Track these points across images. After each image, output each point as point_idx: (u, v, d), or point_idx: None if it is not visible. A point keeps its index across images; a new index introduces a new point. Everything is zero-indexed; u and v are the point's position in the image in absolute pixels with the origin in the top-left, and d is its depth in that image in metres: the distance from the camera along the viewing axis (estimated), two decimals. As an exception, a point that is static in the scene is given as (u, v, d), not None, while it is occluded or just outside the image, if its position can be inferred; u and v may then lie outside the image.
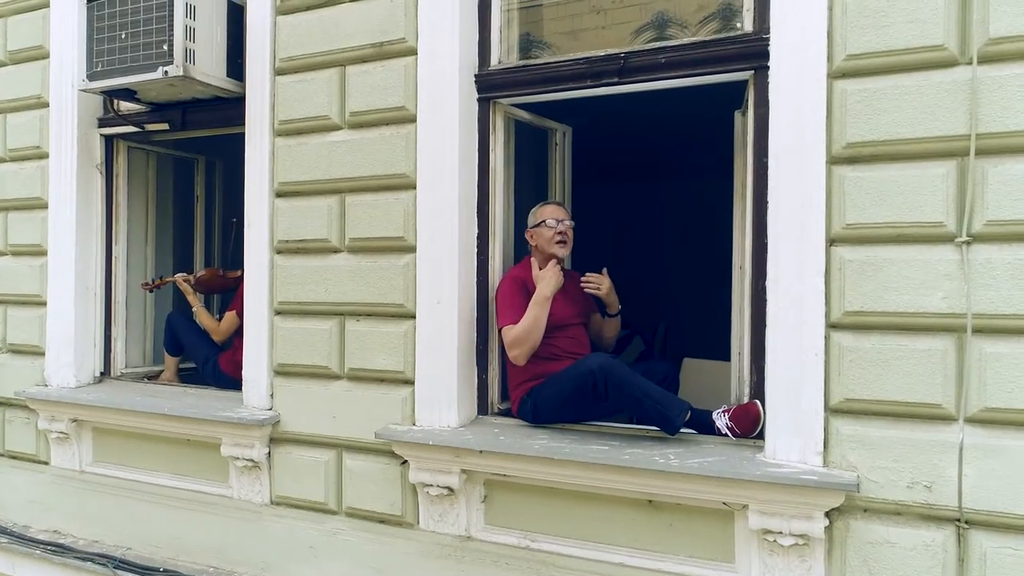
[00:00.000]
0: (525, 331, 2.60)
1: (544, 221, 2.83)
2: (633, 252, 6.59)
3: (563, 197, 3.35)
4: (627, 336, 5.21)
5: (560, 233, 2.81)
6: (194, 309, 3.78)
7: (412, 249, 2.76)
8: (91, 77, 3.12)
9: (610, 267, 2.92)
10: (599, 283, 2.84)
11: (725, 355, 3.41)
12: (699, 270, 6.36)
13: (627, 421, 2.77)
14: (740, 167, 2.71)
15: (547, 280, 2.66)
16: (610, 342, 3.10)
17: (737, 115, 2.76)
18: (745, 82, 2.49)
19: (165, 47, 2.94)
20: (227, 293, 4.02)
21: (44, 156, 3.62)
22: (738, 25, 2.48)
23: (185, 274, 3.83)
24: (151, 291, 3.85)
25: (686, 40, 2.53)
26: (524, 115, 3.00)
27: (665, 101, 3.17)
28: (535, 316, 2.61)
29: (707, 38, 2.50)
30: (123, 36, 3.05)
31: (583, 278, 2.84)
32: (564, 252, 2.83)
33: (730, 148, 2.86)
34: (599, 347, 3.14)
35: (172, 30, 2.91)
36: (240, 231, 3.17)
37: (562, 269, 3.00)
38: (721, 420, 2.43)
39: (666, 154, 6.15)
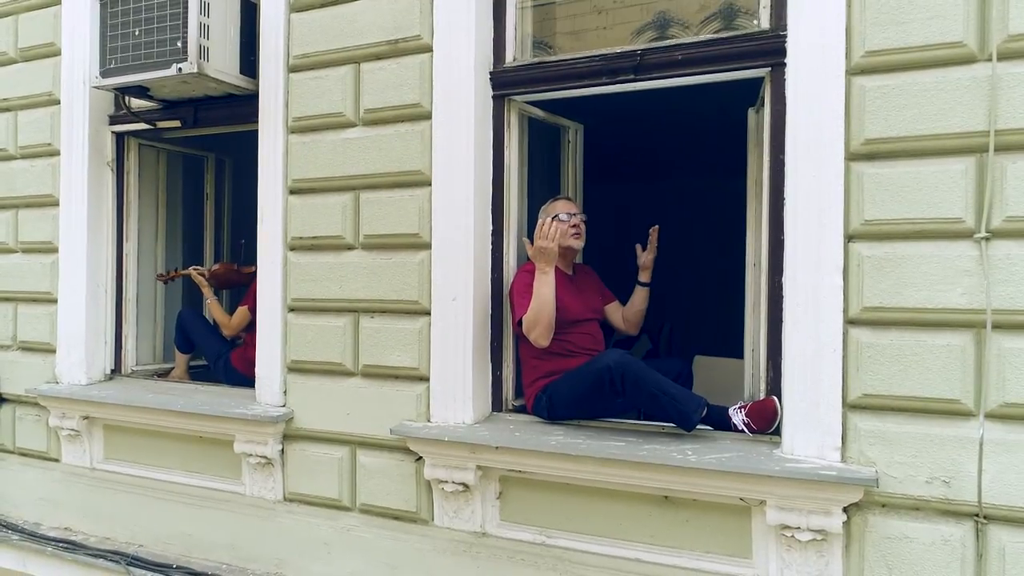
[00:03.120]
0: (535, 310, 2.57)
1: (557, 215, 2.83)
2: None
3: (575, 194, 3.36)
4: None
5: (574, 226, 2.82)
6: (207, 301, 3.79)
7: (427, 246, 2.76)
8: (104, 74, 3.12)
9: (615, 266, 2.93)
10: (655, 247, 3.02)
11: (729, 352, 3.42)
12: (703, 269, 6.38)
13: (636, 418, 2.78)
14: (754, 165, 2.71)
15: (539, 257, 2.60)
16: (637, 318, 3.09)
17: (751, 112, 2.77)
18: (760, 79, 2.49)
19: (179, 44, 2.94)
20: (240, 288, 4.02)
21: (55, 153, 3.61)
22: (755, 23, 2.48)
23: (200, 267, 3.84)
24: (166, 283, 3.86)
25: (703, 37, 2.54)
26: (538, 112, 3.01)
27: (674, 100, 3.18)
28: (542, 295, 2.57)
29: (724, 35, 2.50)
30: (136, 33, 3.05)
31: (651, 230, 3.02)
32: (579, 244, 2.85)
33: (737, 147, 2.87)
34: (623, 331, 3.17)
35: (186, 27, 2.92)
36: (250, 245, 3.17)
37: (577, 265, 3.03)
38: (737, 416, 2.43)
39: (671, 153, 6.15)
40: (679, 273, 6.58)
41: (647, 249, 3.07)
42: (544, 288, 2.59)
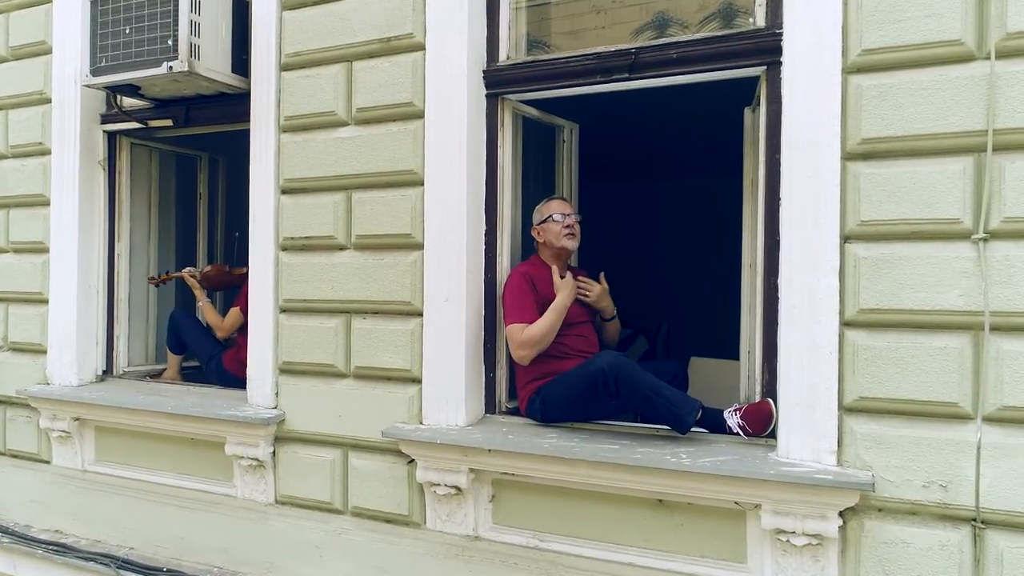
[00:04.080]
0: (540, 334, 2.61)
1: (551, 216, 2.81)
2: (635, 251, 6.59)
3: (570, 194, 3.33)
4: (630, 336, 5.20)
5: (568, 227, 2.80)
6: (200, 304, 3.76)
7: (419, 246, 2.73)
8: (95, 72, 3.09)
9: (612, 266, 2.90)
10: (588, 288, 2.86)
11: (727, 354, 3.40)
12: (701, 269, 6.37)
13: (631, 420, 2.75)
14: (750, 164, 2.69)
15: (567, 291, 2.69)
16: (611, 344, 3.09)
17: (746, 112, 2.74)
18: (756, 78, 2.47)
19: (169, 42, 2.91)
20: (232, 290, 3.99)
21: (46, 152, 3.58)
22: (750, 21, 2.45)
23: (192, 269, 3.81)
24: (157, 286, 3.83)
25: (698, 35, 2.51)
26: (532, 111, 2.98)
27: (669, 99, 3.14)
28: (552, 323, 2.63)
29: (719, 33, 2.47)
30: (127, 31, 3.02)
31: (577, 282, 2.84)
32: (573, 245, 2.83)
33: (733, 147, 2.84)
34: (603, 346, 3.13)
35: (177, 25, 2.89)
36: (243, 242, 3.15)
37: (570, 267, 3.00)
38: (732, 419, 2.40)
39: (668, 153, 6.13)
40: (676, 274, 6.60)
41: (593, 296, 2.89)
42: (557, 317, 2.64)
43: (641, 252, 6.65)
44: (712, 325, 4.69)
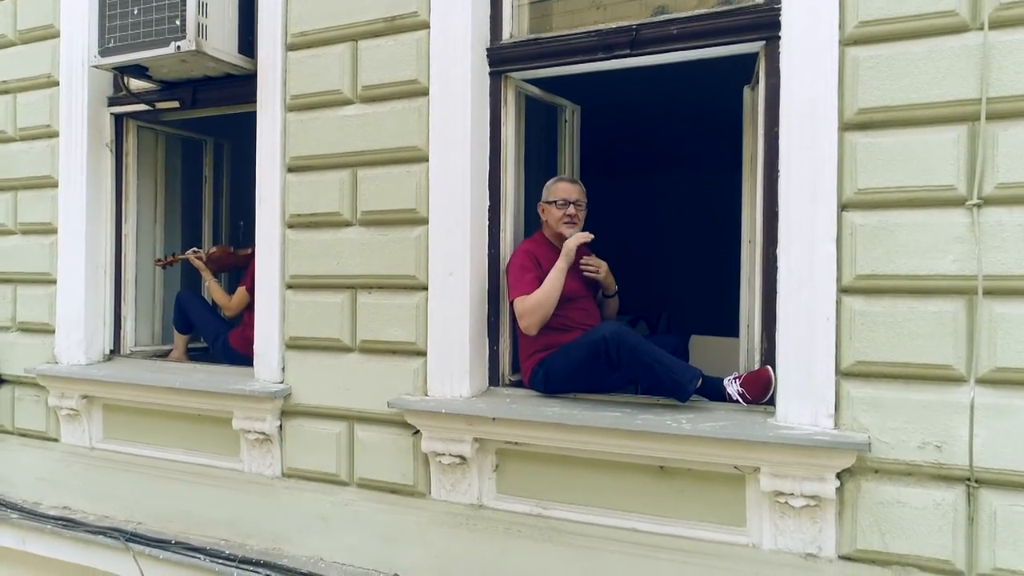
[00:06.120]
0: (542, 297, 2.63)
1: (556, 201, 2.85)
2: (636, 242, 6.64)
3: (571, 173, 3.38)
4: (631, 321, 5.25)
5: (569, 216, 2.83)
6: (207, 283, 3.80)
7: (424, 221, 2.78)
8: (103, 53, 3.13)
9: (615, 256, 2.94)
10: (597, 266, 2.91)
11: (727, 335, 3.45)
12: (700, 257, 6.42)
13: (634, 392, 2.79)
14: (749, 141, 2.73)
15: (565, 257, 2.72)
16: (611, 317, 3.13)
17: (746, 90, 2.78)
18: (754, 56, 2.51)
19: (177, 22, 2.95)
20: (237, 271, 4.03)
21: (54, 135, 3.62)
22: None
23: (197, 249, 3.86)
24: (164, 268, 3.87)
25: (698, 11, 2.55)
26: (535, 90, 3.02)
27: (668, 88, 3.14)
28: (553, 286, 2.65)
29: (719, 9, 2.52)
30: (135, 12, 3.06)
31: (581, 262, 2.88)
32: (571, 234, 2.84)
33: (732, 139, 2.89)
34: None
35: (184, 5, 2.93)
36: (248, 231, 3.18)
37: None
38: (732, 387, 2.45)
39: (667, 146, 6.19)
40: (677, 263, 6.66)
41: (602, 274, 2.95)
42: (557, 281, 2.67)
43: (642, 243, 6.71)
44: (711, 311, 4.74)
